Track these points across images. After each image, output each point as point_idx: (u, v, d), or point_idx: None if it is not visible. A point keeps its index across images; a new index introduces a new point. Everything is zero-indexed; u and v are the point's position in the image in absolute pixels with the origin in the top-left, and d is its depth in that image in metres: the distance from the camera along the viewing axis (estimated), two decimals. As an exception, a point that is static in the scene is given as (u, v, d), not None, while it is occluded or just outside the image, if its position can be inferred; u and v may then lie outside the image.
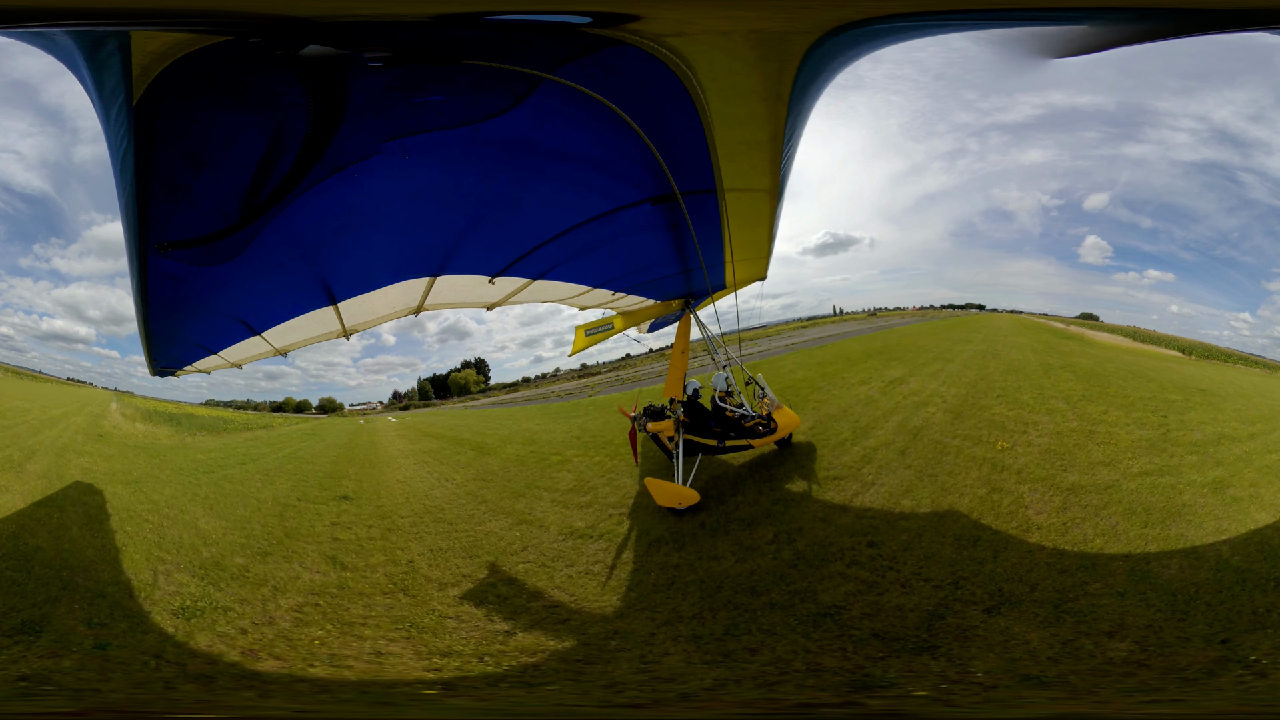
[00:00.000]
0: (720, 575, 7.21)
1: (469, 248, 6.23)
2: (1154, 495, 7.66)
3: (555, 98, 3.89)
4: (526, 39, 3.43)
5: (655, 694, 5.36)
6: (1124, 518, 7.23)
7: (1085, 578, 6.24)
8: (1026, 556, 6.70)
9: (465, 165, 4.76)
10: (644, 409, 10.45)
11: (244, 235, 4.47)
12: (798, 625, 6.15)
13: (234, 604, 7.50)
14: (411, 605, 7.49)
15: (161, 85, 3.14)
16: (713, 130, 4.30)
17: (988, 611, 5.92)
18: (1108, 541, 6.82)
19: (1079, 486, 8.06)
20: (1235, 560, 6.27)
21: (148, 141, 3.37)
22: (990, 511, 7.66)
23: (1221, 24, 4.59)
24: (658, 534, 8.43)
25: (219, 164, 3.75)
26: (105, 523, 9.59)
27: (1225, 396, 11.92)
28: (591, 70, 3.70)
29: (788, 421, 10.05)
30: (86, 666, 6.13)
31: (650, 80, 3.75)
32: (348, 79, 3.48)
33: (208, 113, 3.46)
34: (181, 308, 5.51)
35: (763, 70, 3.74)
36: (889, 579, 6.60)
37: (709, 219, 5.99)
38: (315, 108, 3.58)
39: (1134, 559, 6.47)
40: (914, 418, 11.51)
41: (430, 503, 11.23)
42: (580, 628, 6.69)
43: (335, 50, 3.16)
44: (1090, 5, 3.82)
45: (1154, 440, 9.39)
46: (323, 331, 7.29)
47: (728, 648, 5.98)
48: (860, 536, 7.44)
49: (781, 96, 3.86)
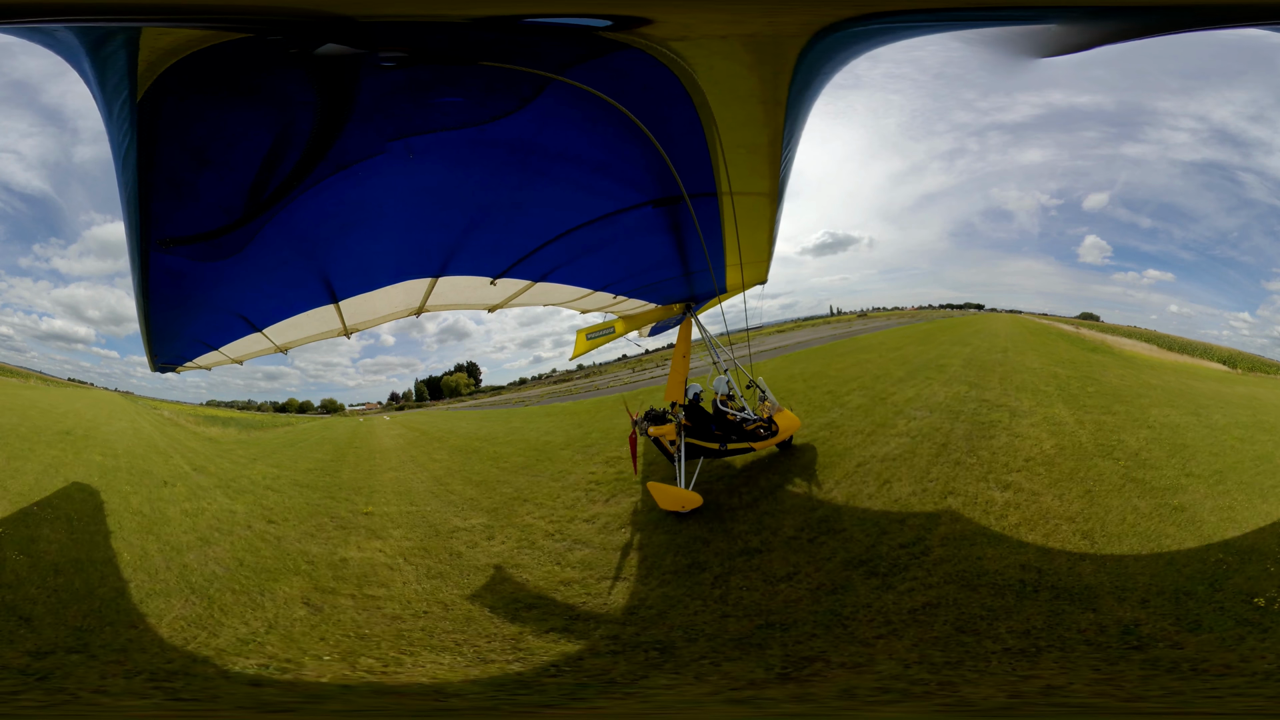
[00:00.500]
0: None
1: (471, 248, 6.28)
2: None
3: (561, 100, 3.94)
4: (542, 41, 3.47)
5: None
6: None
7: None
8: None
9: (469, 166, 4.80)
10: (645, 413, 10.49)
11: (247, 231, 4.51)
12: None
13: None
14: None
15: (167, 81, 3.17)
16: (714, 134, 4.35)
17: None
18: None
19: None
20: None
21: (150, 138, 3.40)
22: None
23: (1213, 20, 4.64)
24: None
25: (223, 161, 3.78)
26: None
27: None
28: (598, 73, 3.75)
29: (789, 424, 10.10)
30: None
31: (653, 83, 3.79)
32: (359, 79, 3.51)
33: (214, 110, 3.49)
34: (183, 303, 5.55)
35: (759, 74, 3.78)
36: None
37: (709, 222, 6.04)
38: (323, 106, 3.62)
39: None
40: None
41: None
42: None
43: (351, 49, 3.19)
44: (1076, 4, 3.86)
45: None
46: (323, 329, 7.34)
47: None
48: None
49: (779, 100, 3.91)
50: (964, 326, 24.11)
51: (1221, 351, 17.37)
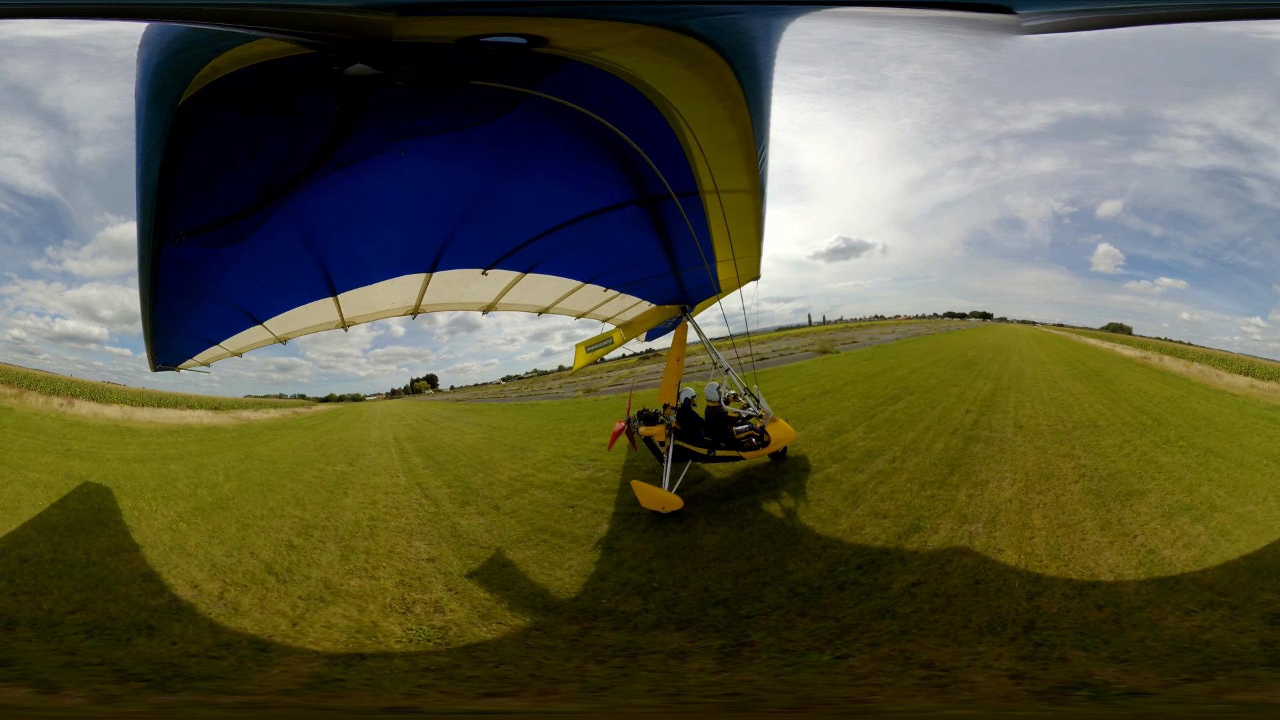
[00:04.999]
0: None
1: (461, 241, 6.77)
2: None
3: (539, 109, 4.44)
4: (503, 59, 3.98)
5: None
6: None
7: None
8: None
9: (452, 160, 5.33)
10: (638, 412, 10.89)
11: (254, 219, 5.01)
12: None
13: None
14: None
15: (212, 90, 3.70)
16: (685, 133, 4.78)
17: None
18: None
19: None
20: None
21: (182, 140, 3.91)
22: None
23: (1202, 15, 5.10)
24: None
25: (244, 164, 4.32)
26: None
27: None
28: (560, 86, 4.25)
29: (782, 435, 10.25)
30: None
31: (610, 92, 4.27)
32: (374, 95, 4.06)
33: (247, 121, 4.01)
34: (189, 292, 6.02)
35: (700, 73, 4.23)
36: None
37: (696, 220, 6.53)
38: (340, 119, 4.17)
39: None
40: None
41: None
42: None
43: (373, 70, 3.74)
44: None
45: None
46: (322, 321, 7.86)
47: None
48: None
49: (737, 97, 4.33)
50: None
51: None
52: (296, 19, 3.47)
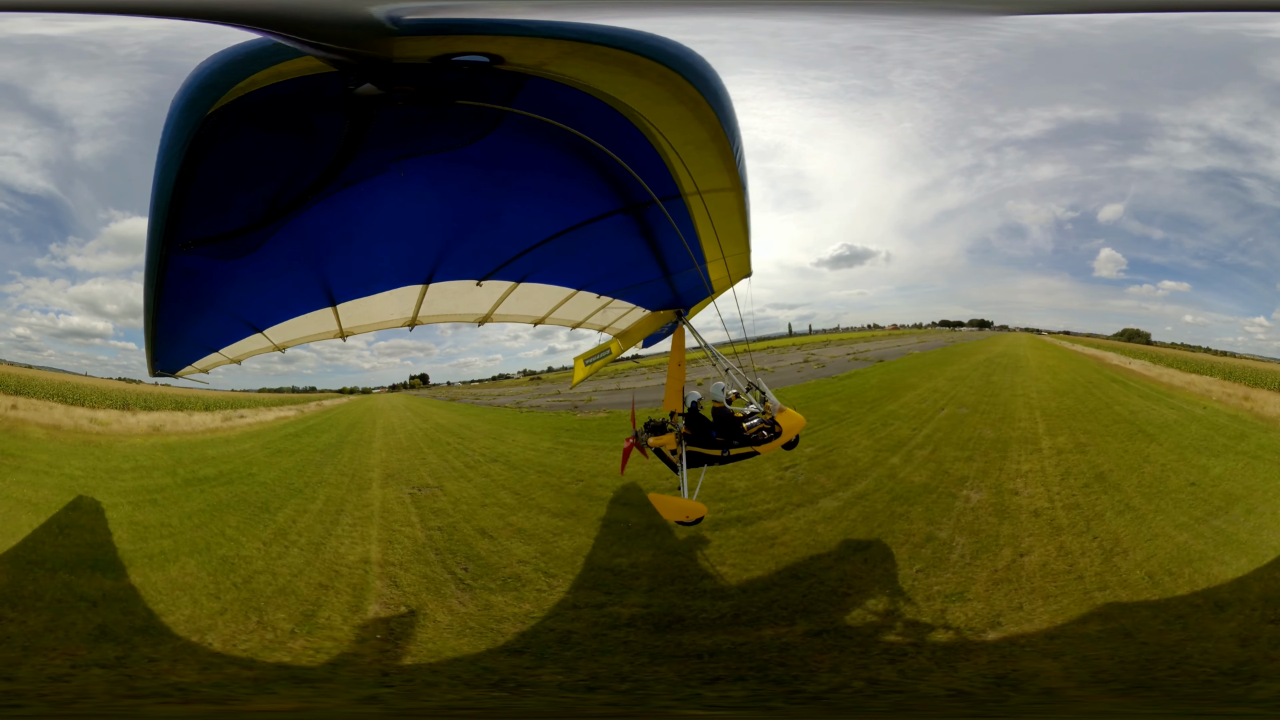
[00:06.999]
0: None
1: (456, 255, 7.11)
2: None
3: (521, 126, 4.75)
4: (485, 78, 4.31)
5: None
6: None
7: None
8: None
9: (446, 181, 5.68)
10: (644, 424, 10.70)
11: (262, 234, 5.35)
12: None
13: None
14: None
15: (243, 103, 3.99)
16: (657, 137, 5.06)
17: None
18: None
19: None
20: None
21: (202, 149, 4.20)
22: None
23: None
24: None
25: (255, 178, 4.64)
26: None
27: None
28: (533, 101, 4.54)
29: (793, 424, 10.15)
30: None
31: (581, 104, 4.53)
32: (379, 115, 4.39)
33: (266, 135, 4.32)
34: (192, 301, 6.28)
35: (648, 79, 4.38)
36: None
37: (680, 223, 6.83)
38: (348, 139, 4.50)
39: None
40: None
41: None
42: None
43: (379, 90, 4.07)
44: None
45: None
46: (321, 331, 8.20)
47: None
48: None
49: (695, 98, 4.54)
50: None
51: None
52: (331, 35, 3.76)
